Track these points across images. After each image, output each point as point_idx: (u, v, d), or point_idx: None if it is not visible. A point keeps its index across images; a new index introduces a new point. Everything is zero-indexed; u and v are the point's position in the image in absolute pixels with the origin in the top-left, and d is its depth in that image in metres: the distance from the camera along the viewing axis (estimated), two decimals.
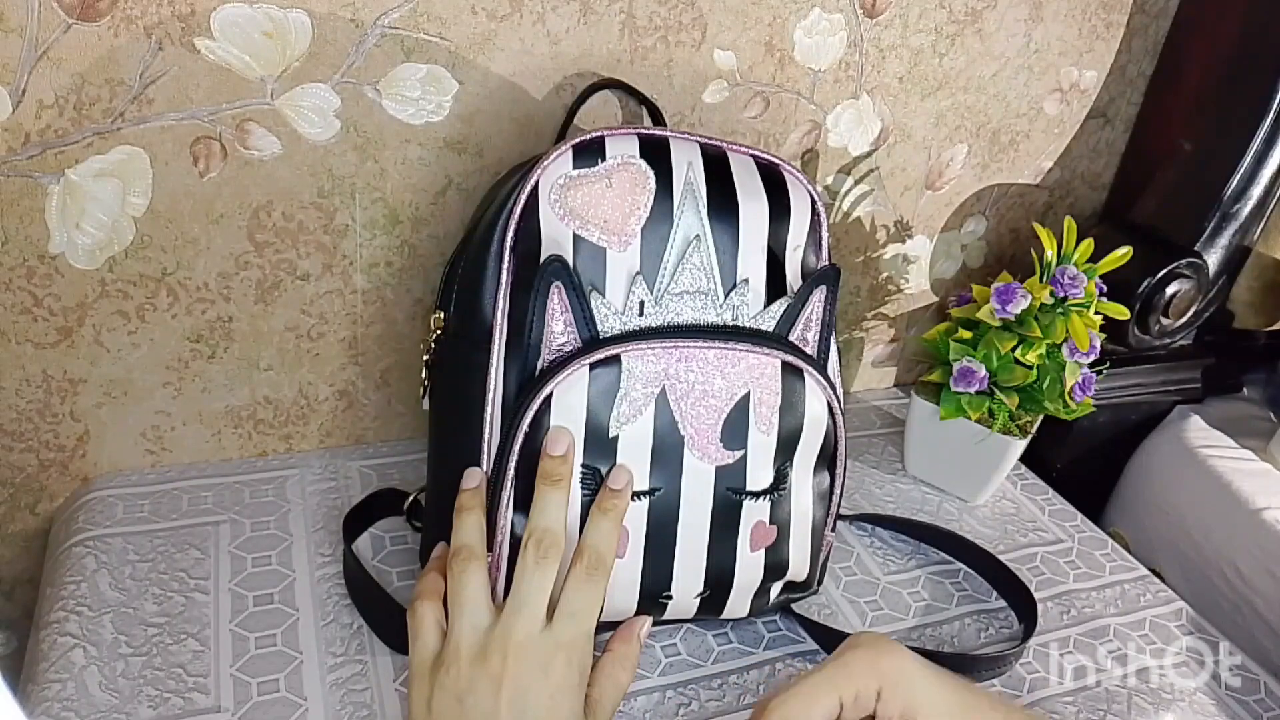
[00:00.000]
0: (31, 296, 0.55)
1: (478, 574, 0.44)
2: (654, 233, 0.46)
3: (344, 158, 0.57)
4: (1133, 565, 0.69)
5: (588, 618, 0.44)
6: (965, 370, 0.66)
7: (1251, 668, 0.61)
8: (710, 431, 0.47)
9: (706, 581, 0.49)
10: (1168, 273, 0.80)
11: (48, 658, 0.49)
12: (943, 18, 0.69)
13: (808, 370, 0.48)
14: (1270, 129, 0.75)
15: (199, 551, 0.57)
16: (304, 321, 0.62)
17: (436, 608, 0.45)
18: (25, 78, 0.48)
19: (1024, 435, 0.69)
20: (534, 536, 0.44)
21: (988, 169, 0.79)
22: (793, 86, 0.67)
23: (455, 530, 0.45)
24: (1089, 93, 0.79)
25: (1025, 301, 0.64)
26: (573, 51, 0.59)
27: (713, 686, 0.53)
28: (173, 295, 0.58)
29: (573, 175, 0.46)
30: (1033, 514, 0.74)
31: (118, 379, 0.59)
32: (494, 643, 0.41)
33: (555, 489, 0.44)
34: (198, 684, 0.48)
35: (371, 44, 0.54)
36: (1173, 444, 0.88)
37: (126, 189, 0.53)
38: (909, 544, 0.67)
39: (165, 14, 0.49)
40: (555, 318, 0.45)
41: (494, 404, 0.46)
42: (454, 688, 0.41)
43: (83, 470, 0.62)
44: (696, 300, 0.46)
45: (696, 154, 0.48)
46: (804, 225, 0.50)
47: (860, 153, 0.73)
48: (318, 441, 0.68)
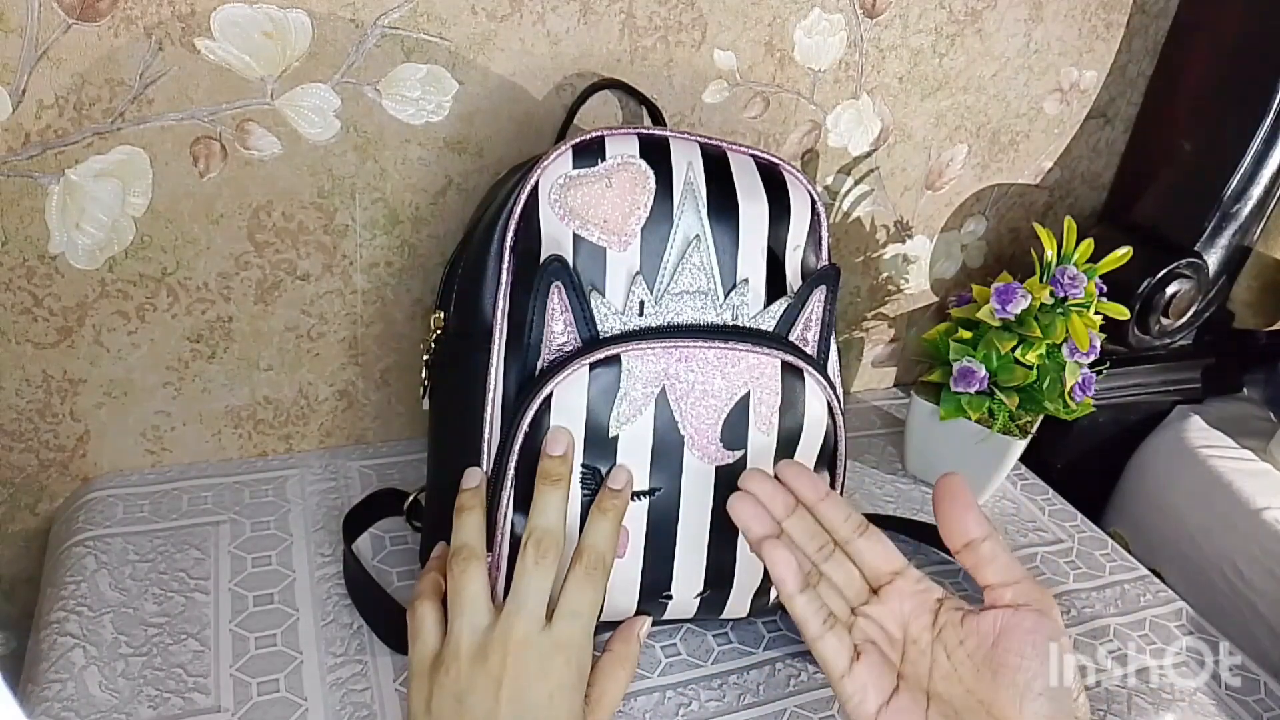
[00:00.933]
0: (31, 296, 0.55)
1: (478, 574, 0.44)
2: (654, 233, 0.46)
3: (344, 158, 0.57)
4: (1133, 565, 0.69)
5: (587, 617, 0.44)
6: (965, 370, 0.66)
7: (1251, 668, 0.61)
8: (710, 431, 0.47)
9: (706, 581, 0.49)
10: (1168, 273, 0.80)
11: (48, 658, 0.49)
12: (943, 18, 0.69)
13: (808, 370, 0.48)
14: (1270, 129, 0.75)
15: (199, 551, 0.57)
16: (304, 321, 0.62)
17: (436, 607, 0.45)
18: (25, 78, 0.48)
19: (1024, 435, 0.69)
20: (533, 536, 0.44)
21: (988, 169, 0.79)
22: (793, 86, 0.67)
23: (455, 530, 0.45)
24: (1089, 93, 0.79)
25: (1025, 301, 0.64)
26: (573, 51, 0.59)
27: (713, 686, 0.53)
28: (173, 295, 0.58)
29: (573, 175, 0.46)
30: (1033, 514, 0.74)
31: (118, 379, 0.59)
32: (493, 642, 0.41)
33: (555, 489, 0.44)
34: (198, 684, 0.48)
35: (371, 44, 0.54)
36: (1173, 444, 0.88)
37: (126, 189, 0.53)
38: (909, 544, 0.67)
39: (165, 14, 0.49)
40: (555, 317, 0.45)
41: (494, 404, 0.46)
42: (453, 687, 0.41)
43: (83, 470, 0.62)
44: (696, 300, 0.46)
45: (696, 154, 0.48)
46: (804, 225, 0.50)
47: (860, 153, 0.73)
48: (318, 441, 0.68)
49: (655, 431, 0.46)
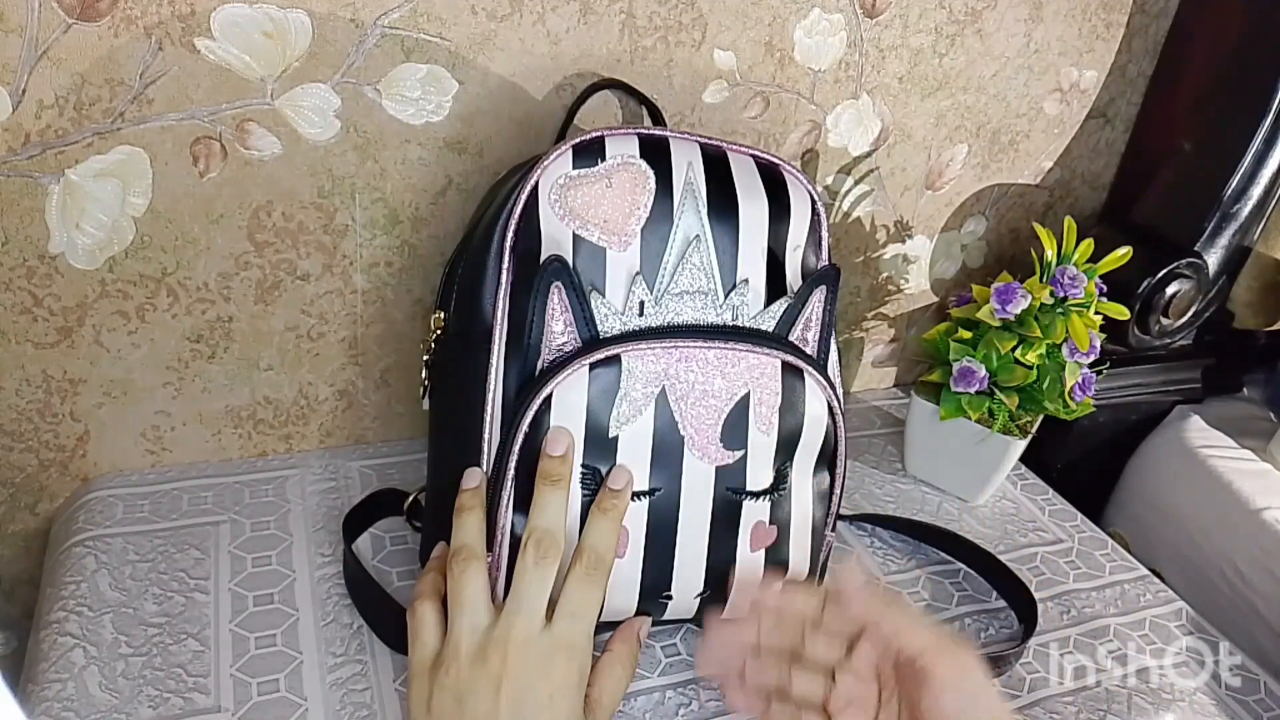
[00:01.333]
0: (31, 296, 0.55)
1: (478, 574, 0.44)
2: (654, 233, 0.46)
3: (344, 158, 0.57)
4: (1133, 565, 0.69)
5: (587, 618, 0.44)
6: (965, 370, 0.66)
7: (1251, 668, 0.61)
8: (710, 431, 0.47)
9: (707, 581, 0.49)
10: (1168, 273, 0.80)
11: (48, 658, 0.49)
12: (943, 18, 0.69)
13: (808, 370, 0.48)
14: (1270, 129, 0.75)
15: (199, 551, 0.57)
16: (304, 321, 0.62)
17: (436, 608, 0.45)
18: (25, 78, 0.48)
19: (1024, 435, 0.69)
20: (533, 537, 0.44)
21: (988, 169, 0.79)
22: (793, 86, 0.67)
23: (455, 530, 0.45)
24: (1089, 93, 0.79)
25: (1025, 301, 0.64)
26: (573, 51, 0.59)
27: (713, 686, 0.53)
28: (173, 295, 0.58)
29: (573, 175, 0.46)
30: (1033, 514, 0.74)
31: (118, 379, 0.59)
32: (493, 643, 0.41)
33: (555, 489, 0.44)
34: (198, 684, 0.48)
35: (371, 44, 0.54)
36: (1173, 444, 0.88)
37: (126, 189, 0.53)
38: (909, 544, 0.67)
39: (165, 14, 0.49)
40: (555, 318, 0.45)
41: (494, 404, 0.46)
42: (453, 687, 0.41)
43: (83, 470, 0.62)
44: (696, 300, 0.46)
45: (696, 154, 0.48)
46: (804, 225, 0.50)
47: (860, 153, 0.73)
48: (318, 441, 0.68)
49: (655, 432, 0.46)
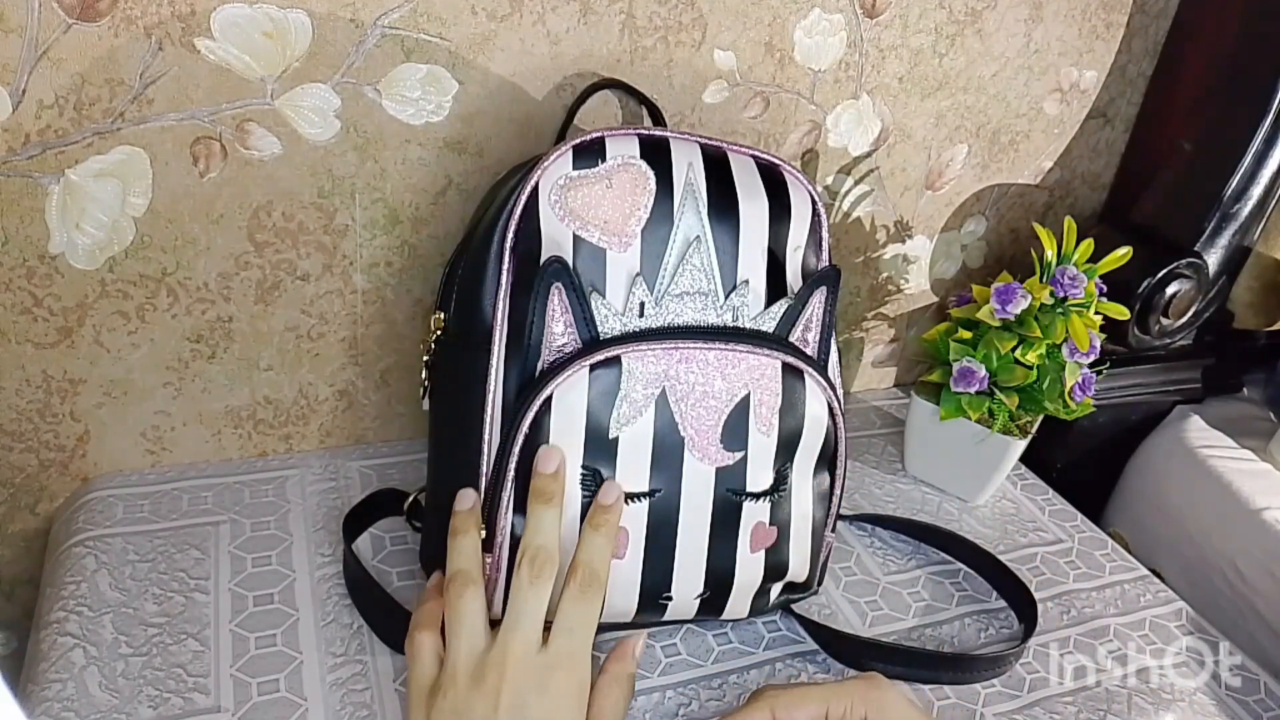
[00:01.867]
0: (31, 296, 0.54)
1: (474, 599, 0.44)
2: (654, 233, 0.46)
3: (344, 158, 0.57)
4: (1133, 565, 0.69)
5: (584, 634, 0.44)
6: (965, 370, 0.66)
7: (1251, 668, 0.61)
8: (710, 433, 0.47)
9: (706, 583, 0.49)
10: (1168, 273, 0.80)
11: (48, 658, 0.49)
12: (943, 18, 0.69)
13: (808, 371, 0.48)
14: (1270, 129, 0.75)
15: (199, 551, 0.57)
16: (304, 321, 0.62)
17: (434, 637, 0.45)
18: (25, 78, 0.48)
19: (1024, 435, 0.69)
20: (528, 554, 0.44)
21: (988, 169, 0.79)
22: (793, 86, 0.67)
23: (450, 556, 0.45)
24: (1089, 93, 0.79)
25: (1025, 301, 0.64)
26: (573, 51, 0.59)
27: (713, 686, 0.53)
28: (173, 295, 0.58)
29: (573, 176, 0.46)
30: (1033, 514, 0.74)
31: (118, 379, 0.59)
32: (490, 663, 0.41)
33: (548, 507, 0.44)
34: (198, 684, 0.48)
35: (371, 44, 0.54)
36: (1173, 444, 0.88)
37: (126, 189, 0.53)
38: (909, 544, 0.67)
39: (165, 14, 0.49)
40: (555, 319, 0.45)
41: (494, 405, 0.46)
42: (451, 709, 0.41)
43: (83, 470, 0.62)
44: (697, 301, 0.46)
45: (697, 154, 0.48)
46: (804, 226, 0.50)
47: (860, 153, 0.73)
48: (318, 441, 0.68)
49: (655, 433, 0.46)
